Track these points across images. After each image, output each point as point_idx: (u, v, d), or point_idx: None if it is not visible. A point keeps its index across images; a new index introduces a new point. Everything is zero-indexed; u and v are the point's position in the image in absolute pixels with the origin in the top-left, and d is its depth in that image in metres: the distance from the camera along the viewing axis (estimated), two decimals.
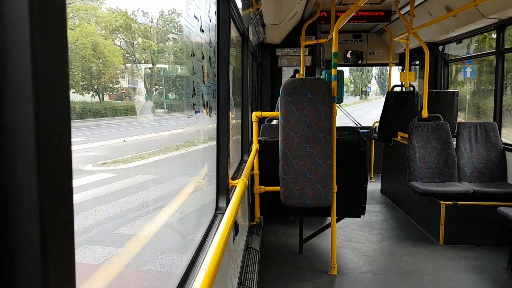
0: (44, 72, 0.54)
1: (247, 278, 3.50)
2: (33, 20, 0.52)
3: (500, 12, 5.47)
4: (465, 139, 5.75)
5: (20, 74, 0.52)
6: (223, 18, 2.69)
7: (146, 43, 3.37)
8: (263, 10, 5.04)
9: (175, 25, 3.54)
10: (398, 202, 6.80)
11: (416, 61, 9.68)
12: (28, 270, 0.55)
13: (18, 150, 0.54)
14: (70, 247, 0.63)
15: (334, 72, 4.16)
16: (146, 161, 7.37)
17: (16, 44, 0.52)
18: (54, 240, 0.58)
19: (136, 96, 8.33)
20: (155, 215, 5.16)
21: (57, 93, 0.58)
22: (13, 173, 0.54)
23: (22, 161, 0.54)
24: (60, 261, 0.60)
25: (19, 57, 0.52)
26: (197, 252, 2.01)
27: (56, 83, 0.58)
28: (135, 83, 9.16)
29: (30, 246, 0.55)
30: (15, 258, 0.55)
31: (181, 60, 3.65)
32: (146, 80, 4.09)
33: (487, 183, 5.45)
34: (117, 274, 2.17)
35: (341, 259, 4.65)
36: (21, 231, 0.55)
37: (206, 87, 2.37)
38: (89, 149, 7.94)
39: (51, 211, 0.57)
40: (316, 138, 4.09)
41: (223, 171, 2.73)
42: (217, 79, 2.67)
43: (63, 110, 0.60)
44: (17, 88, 0.52)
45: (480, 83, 14.88)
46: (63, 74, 0.60)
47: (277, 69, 8.41)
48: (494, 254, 4.73)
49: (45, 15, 0.55)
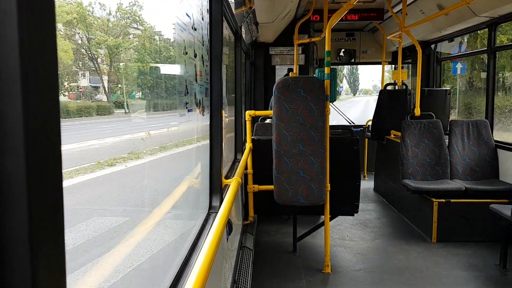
0: (33, 70, 0.54)
1: (241, 277, 3.49)
2: (21, 16, 0.51)
3: (492, 10, 5.50)
4: (457, 137, 5.78)
5: (8, 72, 0.52)
6: (216, 17, 2.68)
7: (101, 37, 3.17)
8: (256, 9, 5.03)
9: (135, 18, 3.39)
10: (391, 200, 6.83)
11: (409, 59, 9.72)
12: (18, 270, 0.54)
13: (7, 149, 0.53)
14: (61, 246, 0.62)
15: (327, 71, 4.17)
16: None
17: (4, 41, 0.51)
18: (44, 240, 0.57)
19: (99, 96, 7.72)
20: (148, 215, 5.11)
21: (46, 90, 0.58)
22: (2, 173, 0.53)
23: (11, 160, 0.53)
24: (51, 261, 0.59)
25: (7, 55, 0.51)
26: (190, 251, 2.00)
27: (45, 81, 0.57)
28: (97, 82, 8.53)
29: (19, 246, 0.54)
30: (5, 258, 0.54)
31: (144, 57, 3.58)
32: (109, 78, 3.88)
33: (479, 181, 5.49)
34: (109, 274, 2.16)
35: (335, 257, 4.66)
36: (10, 231, 0.54)
37: (199, 86, 2.36)
38: None
39: (41, 210, 0.57)
40: (309, 137, 4.09)
41: (216, 170, 2.72)
42: (209, 77, 2.66)
43: (52, 109, 0.59)
44: (5, 86, 0.52)
45: (471, 80, 14.99)
46: (52, 71, 0.59)
47: (271, 67, 8.41)
48: (486, 251, 4.77)
49: (33, 11, 0.54)
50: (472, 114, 13.88)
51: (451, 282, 4.10)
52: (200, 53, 2.37)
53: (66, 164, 5.97)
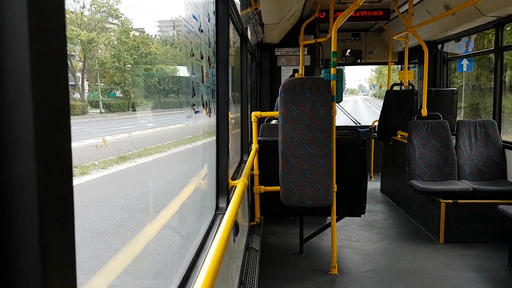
0: (43, 72, 0.54)
1: (248, 278, 3.49)
2: (32, 18, 0.52)
3: (499, 10, 5.47)
4: (465, 137, 5.75)
5: (19, 74, 0.52)
6: (222, 18, 2.68)
7: (73, 31, 3.04)
8: (262, 10, 5.03)
9: (111, 12, 3.28)
10: (398, 201, 6.80)
11: (415, 59, 9.68)
12: (28, 271, 0.55)
13: (17, 151, 0.53)
14: (71, 247, 0.63)
15: (333, 71, 4.16)
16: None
17: (16, 43, 0.52)
18: (54, 241, 0.58)
19: (75, 95, 7.59)
20: (155, 216, 5.08)
21: (56, 92, 0.58)
22: (13, 174, 0.54)
23: (21, 161, 0.54)
24: (61, 262, 0.60)
25: (18, 57, 0.52)
26: (197, 253, 2.00)
27: (55, 82, 0.58)
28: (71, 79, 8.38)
29: (30, 246, 0.55)
30: (15, 258, 0.55)
31: (121, 53, 3.51)
32: (83, 75, 3.76)
33: (487, 181, 5.45)
34: (118, 275, 2.17)
35: (342, 259, 4.65)
36: (21, 232, 0.55)
37: (205, 87, 2.36)
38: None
39: (51, 211, 0.57)
40: (315, 138, 4.08)
41: (223, 171, 2.72)
42: (216, 79, 2.67)
43: (62, 110, 0.59)
44: (16, 88, 0.52)
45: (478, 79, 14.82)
46: (62, 73, 0.59)
47: (276, 68, 8.40)
48: (494, 252, 4.73)
49: (43, 13, 0.54)
50: (480, 116, 13.73)
51: (458, 283, 4.08)
52: (206, 54, 2.37)
53: None
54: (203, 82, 2.28)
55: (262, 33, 6.64)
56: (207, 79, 2.38)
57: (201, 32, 2.22)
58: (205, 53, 2.34)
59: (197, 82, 2.15)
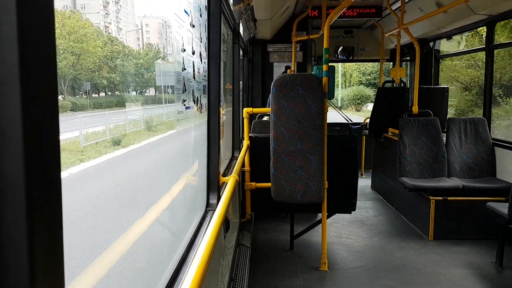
0: (31, 68, 0.53)
1: (238, 275, 3.50)
2: (21, 16, 0.51)
3: (490, 8, 5.50)
4: (455, 134, 5.79)
5: (7, 70, 0.51)
6: (214, 13, 2.66)
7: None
8: (254, 5, 5.01)
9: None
10: (388, 198, 6.84)
11: (407, 57, 9.72)
12: (15, 269, 0.54)
13: (4, 147, 0.52)
14: (59, 246, 0.62)
15: (325, 68, 4.16)
16: None
17: (4, 40, 0.51)
18: (42, 238, 0.57)
19: None
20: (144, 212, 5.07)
21: (45, 88, 0.57)
22: (1, 173, 0.53)
23: (9, 158, 0.53)
24: (48, 260, 0.59)
25: (7, 53, 0.51)
26: (187, 249, 2.00)
27: (44, 79, 0.57)
28: None
29: (16, 245, 0.54)
30: (2, 257, 0.54)
31: (74, 44, 3.42)
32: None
33: (477, 179, 5.50)
34: (106, 272, 2.15)
35: (332, 255, 4.67)
36: (7, 229, 0.54)
37: (197, 83, 2.35)
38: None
39: (38, 208, 0.56)
40: (307, 134, 4.09)
41: (213, 168, 2.71)
42: (207, 75, 2.65)
43: (50, 106, 0.58)
44: (4, 84, 0.51)
45: None
46: (50, 70, 0.58)
47: (268, 65, 8.38)
48: (483, 249, 4.78)
49: (32, 12, 0.53)
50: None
51: (447, 279, 4.12)
52: (198, 50, 2.36)
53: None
54: (194, 78, 2.27)
55: (255, 28, 6.61)
56: (198, 75, 2.36)
57: (193, 27, 2.20)
58: (197, 49, 2.32)
59: (188, 78, 2.14)
